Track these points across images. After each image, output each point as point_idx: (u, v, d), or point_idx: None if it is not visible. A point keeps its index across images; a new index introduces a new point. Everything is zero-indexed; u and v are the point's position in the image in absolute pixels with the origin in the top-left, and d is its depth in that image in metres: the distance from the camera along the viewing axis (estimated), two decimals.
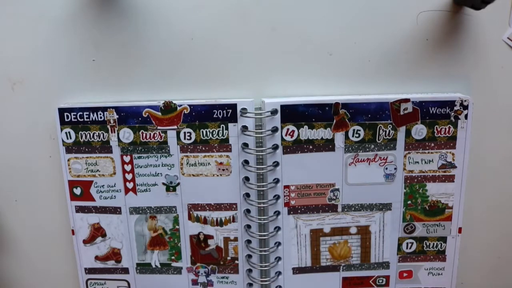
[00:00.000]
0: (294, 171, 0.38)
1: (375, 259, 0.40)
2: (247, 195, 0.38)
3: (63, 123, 0.37)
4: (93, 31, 0.36)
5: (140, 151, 0.37)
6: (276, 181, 0.38)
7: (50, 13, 0.36)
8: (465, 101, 0.37)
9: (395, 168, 0.38)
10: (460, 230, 0.40)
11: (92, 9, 0.36)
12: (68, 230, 0.39)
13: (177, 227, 0.39)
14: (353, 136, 0.37)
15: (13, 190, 0.40)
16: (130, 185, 0.38)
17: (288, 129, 0.37)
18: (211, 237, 0.39)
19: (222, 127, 0.37)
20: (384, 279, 0.41)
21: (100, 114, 0.37)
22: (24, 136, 0.38)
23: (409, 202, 0.39)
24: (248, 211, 0.39)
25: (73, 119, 0.37)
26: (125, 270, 0.40)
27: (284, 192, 0.38)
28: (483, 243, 0.42)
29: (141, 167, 0.38)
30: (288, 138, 0.37)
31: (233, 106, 0.36)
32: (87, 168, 0.38)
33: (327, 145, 0.37)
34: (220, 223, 0.39)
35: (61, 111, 0.36)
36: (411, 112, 0.37)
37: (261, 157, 0.38)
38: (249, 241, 0.40)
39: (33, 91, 0.37)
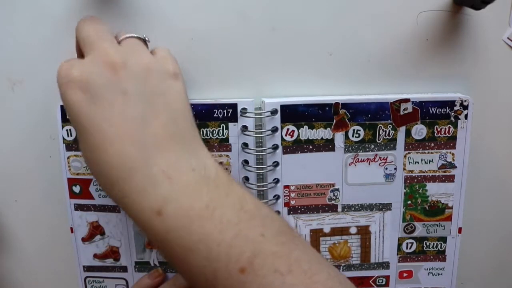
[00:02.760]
0: (294, 171, 0.38)
1: (375, 259, 0.40)
2: None
3: (64, 120, 0.37)
4: None
5: None
6: (276, 181, 0.38)
7: (50, 13, 0.36)
8: (465, 101, 0.37)
9: (395, 168, 0.38)
10: (460, 230, 0.40)
11: (92, 9, 0.36)
12: (67, 228, 0.39)
13: None
14: (353, 136, 0.37)
15: (13, 190, 0.40)
16: None
17: (288, 129, 0.37)
18: None
19: (222, 126, 0.37)
20: (384, 279, 0.41)
21: None
22: (24, 136, 0.38)
23: (409, 202, 0.39)
24: None
25: None
26: (124, 269, 0.40)
27: (284, 192, 0.38)
28: (483, 243, 0.42)
29: None
30: (288, 138, 0.37)
31: (234, 106, 0.36)
32: (87, 166, 0.38)
33: (327, 145, 0.37)
34: None
35: (63, 108, 0.36)
36: (411, 112, 0.37)
37: (261, 157, 0.38)
38: None
39: (33, 91, 0.37)
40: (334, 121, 0.37)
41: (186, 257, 0.24)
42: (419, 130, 0.38)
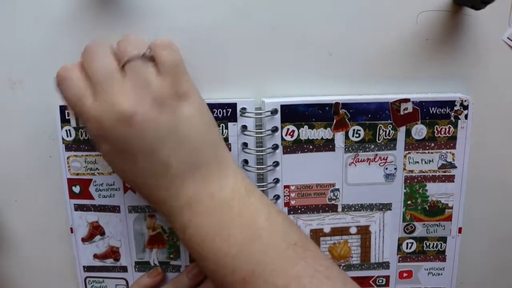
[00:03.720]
0: (294, 171, 0.38)
1: (375, 259, 0.40)
2: None
3: (63, 121, 0.37)
4: (93, 31, 0.36)
5: None
6: (276, 181, 0.38)
7: (50, 13, 0.36)
8: (465, 101, 0.37)
9: (395, 168, 0.38)
10: (460, 230, 0.40)
11: (92, 9, 0.36)
12: (67, 228, 0.39)
13: None
14: (353, 136, 0.37)
15: (13, 190, 0.40)
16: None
17: (288, 129, 0.37)
18: None
19: (222, 126, 0.37)
20: (384, 279, 0.41)
21: None
22: (24, 136, 0.38)
23: (409, 202, 0.39)
24: None
25: None
26: (124, 269, 0.40)
27: (284, 192, 0.38)
28: (483, 243, 0.42)
29: None
30: (288, 138, 0.37)
31: (233, 106, 0.36)
32: (86, 166, 0.38)
33: (327, 145, 0.37)
34: None
35: (62, 108, 0.36)
36: (411, 112, 0.37)
37: (261, 157, 0.38)
38: None
39: (33, 91, 0.37)
40: (334, 121, 0.37)
41: (202, 263, 0.30)
42: (419, 130, 0.38)
